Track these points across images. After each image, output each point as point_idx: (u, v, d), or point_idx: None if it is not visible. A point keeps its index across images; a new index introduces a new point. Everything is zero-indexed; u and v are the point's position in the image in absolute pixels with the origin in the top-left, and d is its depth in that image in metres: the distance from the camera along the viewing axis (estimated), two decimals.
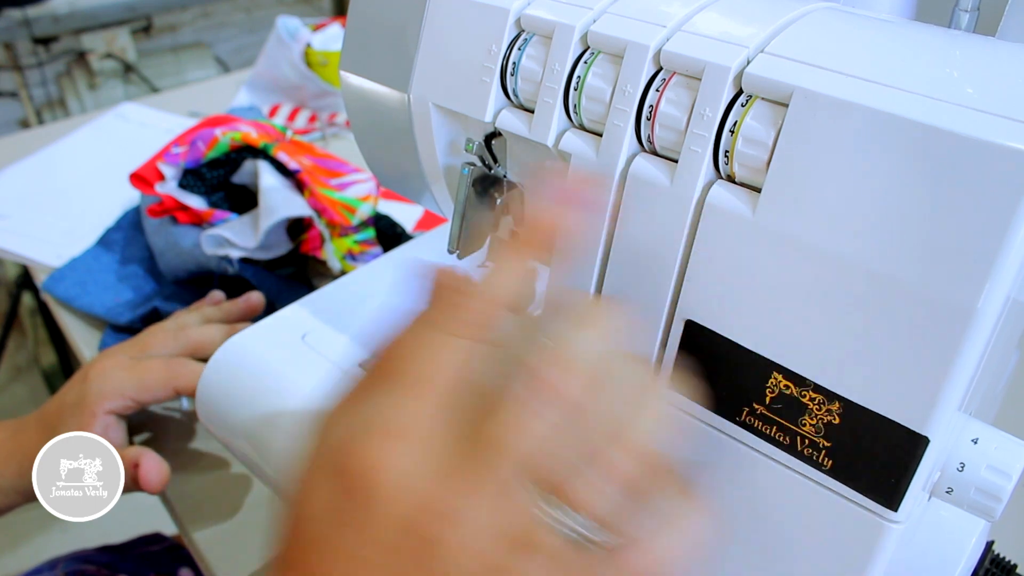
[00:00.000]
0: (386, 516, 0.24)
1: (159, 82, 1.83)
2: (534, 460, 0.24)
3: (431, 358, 0.25)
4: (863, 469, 0.25)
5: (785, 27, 0.26)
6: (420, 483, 0.24)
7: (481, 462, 0.24)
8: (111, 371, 0.53)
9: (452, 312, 0.25)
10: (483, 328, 0.25)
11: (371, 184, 0.75)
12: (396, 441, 0.24)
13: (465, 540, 0.24)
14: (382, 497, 0.24)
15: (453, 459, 0.24)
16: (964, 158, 0.21)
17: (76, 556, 0.64)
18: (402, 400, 0.25)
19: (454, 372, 0.25)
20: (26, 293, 1.45)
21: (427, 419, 0.24)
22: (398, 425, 0.24)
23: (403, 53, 0.34)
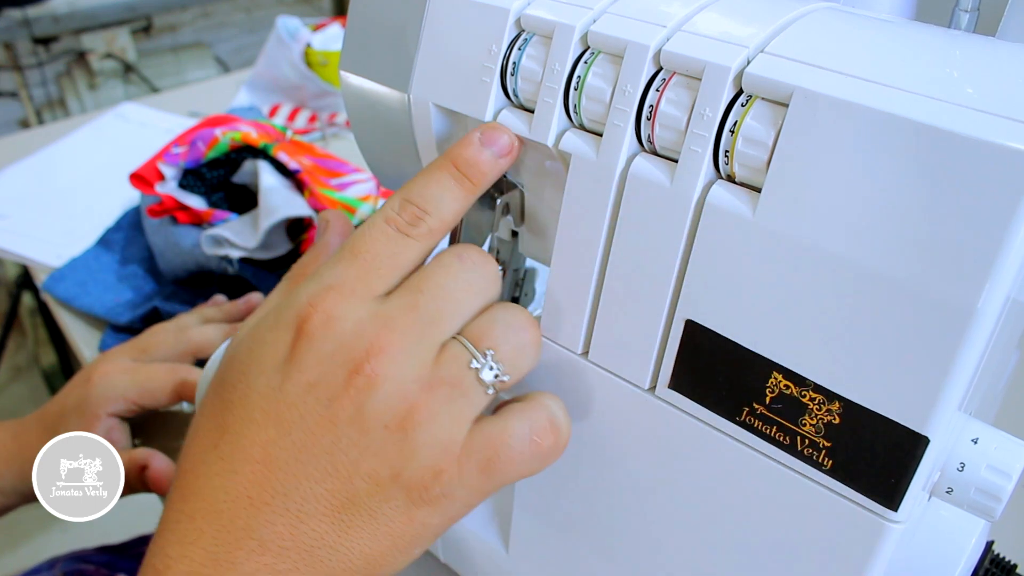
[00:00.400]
0: (322, 349, 0.28)
1: (159, 82, 1.83)
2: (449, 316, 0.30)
3: (369, 238, 0.30)
4: (863, 469, 0.25)
5: (785, 27, 0.26)
6: (361, 324, 0.29)
7: (407, 299, 0.29)
8: (114, 375, 0.54)
9: (384, 210, 0.31)
10: (410, 225, 0.30)
11: (371, 184, 0.75)
12: (338, 294, 0.29)
13: (392, 364, 0.28)
14: (327, 335, 0.28)
15: (380, 313, 0.29)
16: (964, 158, 0.21)
17: (74, 556, 0.64)
18: (344, 268, 0.30)
19: (385, 251, 0.30)
20: (26, 293, 1.45)
21: (359, 282, 0.29)
22: (336, 285, 0.29)
23: (403, 53, 0.34)
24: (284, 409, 0.28)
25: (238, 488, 0.28)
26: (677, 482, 0.31)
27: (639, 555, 0.34)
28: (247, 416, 0.29)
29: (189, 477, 0.29)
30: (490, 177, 0.31)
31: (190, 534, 0.28)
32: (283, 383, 0.28)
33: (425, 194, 0.31)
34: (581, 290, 0.31)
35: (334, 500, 0.28)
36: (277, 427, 0.28)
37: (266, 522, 0.28)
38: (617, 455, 0.33)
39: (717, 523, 0.30)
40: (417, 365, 0.29)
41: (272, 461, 0.28)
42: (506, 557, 0.40)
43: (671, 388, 0.29)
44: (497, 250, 0.40)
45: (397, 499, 0.29)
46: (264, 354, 0.29)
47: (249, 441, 0.28)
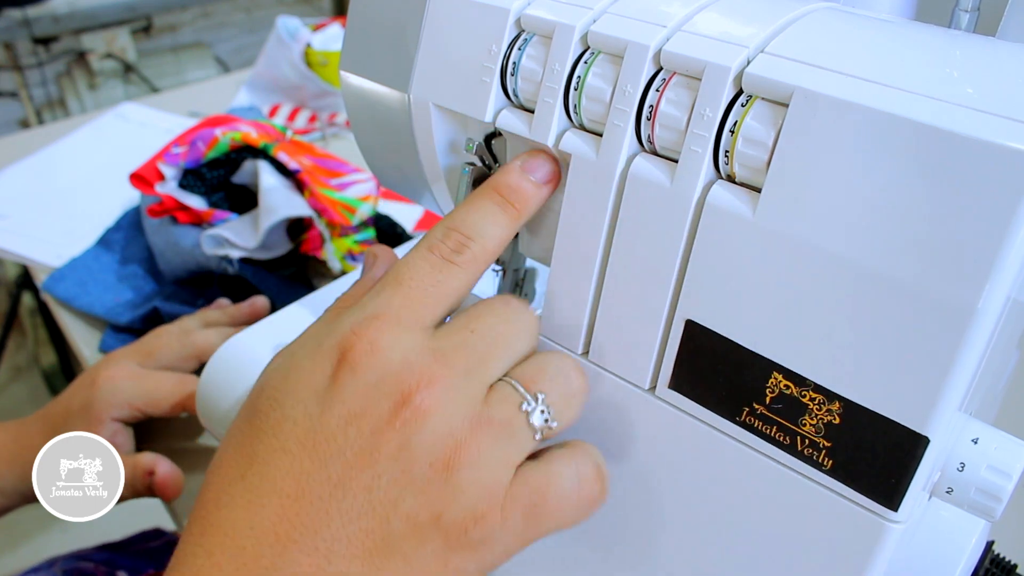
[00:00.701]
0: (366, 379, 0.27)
1: (159, 82, 1.83)
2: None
3: (413, 267, 0.29)
4: (863, 469, 0.25)
5: (785, 27, 0.26)
6: (410, 355, 0.27)
7: (456, 336, 0.28)
8: (120, 380, 0.53)
9: (428, 238, 0.30)
10: (455, 253, 0.29)
11: (371, 184, 0.75)
12: (383, 323, 0.28)
13: (443, 399, 0.27)
14: (372, 365, 0.27)
15: (431, 347, 0.28)
16: (964, 158, 0.21)
17: (74, 555, 0.64)
18: (388, 296, 0.29)
19: (430, 279, 0.29)
20: (26, 293, 1.45)
21: (406, 312, 0.28)
22: (383, 314, 0.28)
23: (403, 53, 0.34)
24: (321, 441, 0.27)
25: (264, 523, 0.26)
26: (677, 482, 0.31)
27: (639, 555, 0.34)
28: (280, 446, 0.27)
29: (210, 508, 0.27)
30: (533, 204, 0.31)
31: (206, 571, 0.26)
32: (322, 413, 0.27)
33: (468, 221, 0.30)
34: (581, 290, 0.31)
35: (368, 541, 0.26)
36: (312, 459, 0.26)
37: (292, 560, 0.26)
38: (617, 455, 0.33)
39: (717, 523, 0.30)
40: (467, 402, 0.27)
41: (304, 496, 0.26)
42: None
43: (671, 388, 0.29)
44: None
45: (435, 543, 0.27)
46: (301, 382, 0.28)
47: (280, 473, 0.27)
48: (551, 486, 0.28)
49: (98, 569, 0.62)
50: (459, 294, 0.30)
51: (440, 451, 0.27)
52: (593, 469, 0.29)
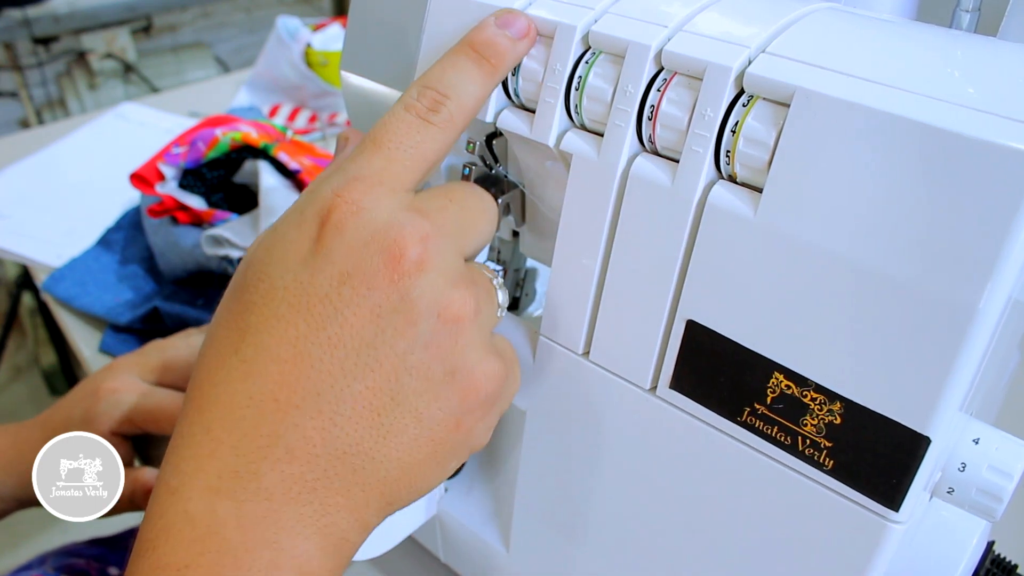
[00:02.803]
0: (353, 238, 0.26)
1: (159, 82, 1.83)
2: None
3: (390, 128, 0.28)
4: (864, 469, 0.25)
5: (786, 27, 0.26)
6: (396, 213, 0.27)
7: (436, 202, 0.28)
8: (123, 394, 0.53)
9: (403, 98, 0.29)
10: (431, 111, 0.29)
11: None
12: (366, 185, 0.27)
13: (436, 252, 0.27)
14: (359, 224, 0.27)
15: (415, 206, 0.27)
16: (965, 158, 0.21)
17: (65, 550, 0.64)
18: (368, 158, 0.28)
19: (408, 140, 0.28)
20: (26, 293, 1.45)
21: (386, 174, 0.27)
22: (363, 176, 0.27)
23: (403, 53, 0.34)
24: (316, 303, 0.26)
25: (263, 391, 0.25)
26: (678, 482, 0.31)
27: (639, 555, 0.34)
28: (272, 313, 0.26)
29: (205, 386, 0.26)
30: (509, 59, 0.30)
31: (206, 446, 0.25)
32: (313, 276, 0.26)
33: (444, 79, 0.29)
34: (582, 290, 0.31)
35: (375, 399, 0.26)
36: (308, 323, 0.26)
37: (294, 426, 0.25)
38: (618, 455, 0.32)
39: (718, 523, 0.30)
40: (456, 261, 0.27)
41: (303, 358, 0.25)
42: (506, 557, 0.40)
43: (672, 388, 0.29)
44: (498, 250, 0.40)
45: (449, 400, 0.27)
46: (287, 250, 0.27)
47: (275, 340, 0.26)
48: (507, 352, 0.30)
49: (89, 565, 0.62)
50: (438, 155, 0.29)
51: (443, 304, 0.26)
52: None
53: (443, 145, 0.29)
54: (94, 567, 0.62)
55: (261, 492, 0.25)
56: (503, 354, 0.29)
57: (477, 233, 0.29)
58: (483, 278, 0.29)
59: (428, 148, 0.28)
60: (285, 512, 0.25)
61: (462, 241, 0.28)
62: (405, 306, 0.26)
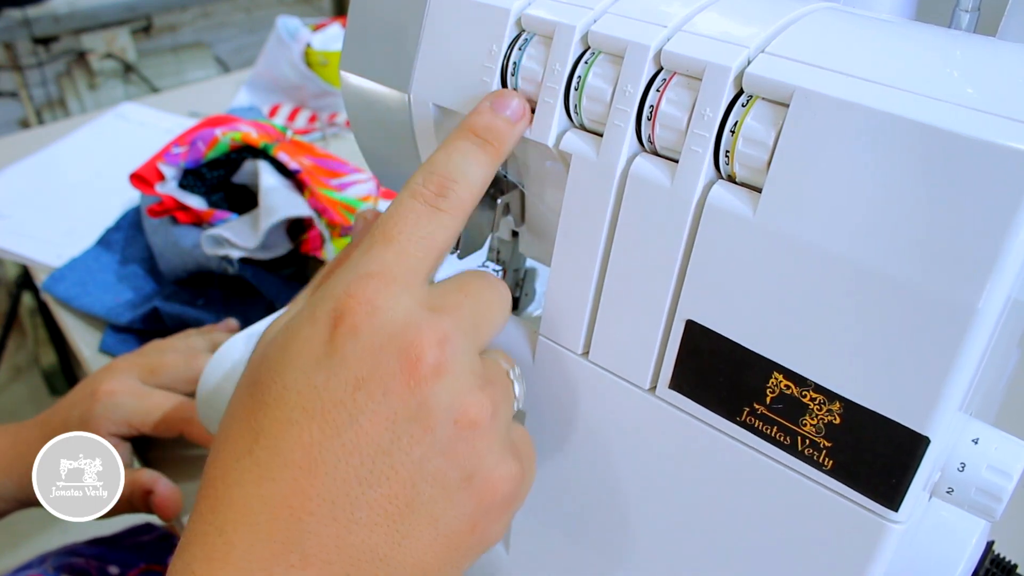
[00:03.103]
0: (370, 341, 0.26)
1: (159, 82, 1.83)
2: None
3: (399, 218, 0.28)
4: (864, 469, 0.25)
5: (786, 27, 0.26)
6: (412, 313, 0.26)
7: (451, 298, 0.28)
8: (120, 396, 0.53)
9: (409, 186, 0.29)
10: (439, 197, 0.29)
11: (371, 184, 0.75)
12: (380, 282, 0.27)
13: (453, 355, 0.26)
14: (374, 326, 0.26)
15: (430, 304, 0.27)
16: (964, 158, 0.21)
17: (65, 550, 0.64)
18: (381, 252, 0.27)
19: (419, 231, 0.28)
20: (26, 293, 1.45)
21: (400, 270, 0.27)
22: (377, 272, 0.27)
23: (403, 53, 0.34)
24: (330, 408, 0.25)
25: (277, 497, 0.25)
26: (677, 482, 0.31)
27: (639, 555, 0.34)
28: (285, 417, 0.26)
29: (219, 485, 0.26)
30: (510, 142, 0.30)
31: (219, 549, 0.25)
32: (327, 381, 0.26)
33: (449, 164, 0.29)
34: (581, 290, 0.31)
35: (390, 506, 0.25)
36: (323, 429, 0.25)
37: (309, 533, 0.25)
38: (617, 455, 0.32)
39: (717, 523, 0.30)
40: (473, 361, 0.27)
41: (318, 466, 0.25)
42: (506, 557, 0.40)
43: (671, 388, 0.29)
44: (497, 250, 0.40)
45: (466, 505, 0.26)
46: (300, 351, 0.26)
47: (289, 445, 0.25)
48: (525, 449, 0.29)
49: (89, 564, 0.62)
50: (448, 243, 0.29)
51: (461, 409, 0.26)
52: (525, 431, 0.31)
53: (453, 232, 0.29)
54: (94, 566, 0.62)
55: None
56: (520, 449, 0.29)
57: (492, 327, 0.29)
58: (500, 374, 0.29)
59: (439, 237, 0.28)
60: None
61: (478, 337, 0.28)
62: (422, 413, 0.25)
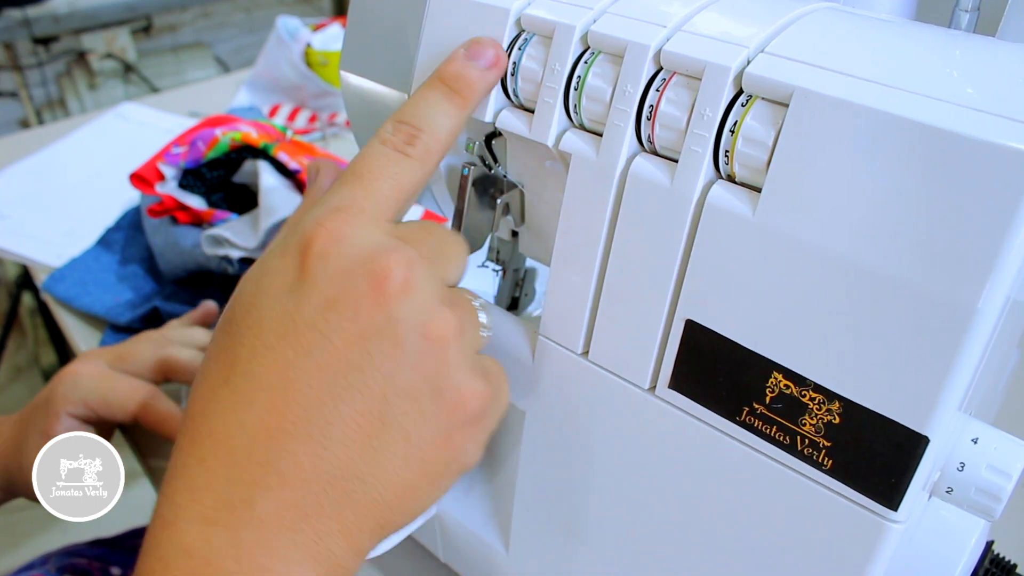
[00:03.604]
0: (336, 265, 0.27)
1: (159, 82, 1.83)
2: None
3: (368, 160, 0.29)
4: (863, 469, 0.25)
5: (785, 27, 0.26)
6: (378, 240, 0.27)
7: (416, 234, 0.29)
8: (82, 377, 0.53)
9: (378, 134, 0.30)
10: (407, 144, 0.29)
11: None
12: (348, 214, 0.27)
13: (420, 276, 0.27)
14: (342, 252, 0.27)
15: (396, 233, 0.28)
16: (964, 158, 0.21)
17: (67, 551, 0.64)
18: (350, 189, 0.28)
19: (387, 171, 0.29)
20: (26, 293, 1.45)
21: (367, 205, 0.28)
22: (344, 206, 0.28)
23: (403, 53, 0.34)
24: (303, 330, 0.26)
25: (254, 419, 0.26)
26: (677, 482, 0.31)
27: (639, 554, 0.34)
28: (260, 343, 0.26)
29: (198, 418, 0.27)
30: (480, 90, 0.31)
31: (200, 478, 0.26)
32: (299, 304, 0.26)
33: (417, 113, 0.30)
34: (581, 290, 0.31)
35: (364, 422, 0.26)
36: (296, 350, 0.26)
37: (286, 452, 0.25)
38: (617, 455, 0.33)
39: (717, 523, 0.30)
40: (438, 284, 0.28)
41: (291, 385, 0.26)
42: (506, 557, 0.40)
43: (671, 388, 0.29)
44: (497, 250, 0.40)
45: (437, 419, 0.27)
46: (272, 282, 0.27)
47: (264, 369, 0.26)
48: (495, 371, 0.30)
49: (91, 565, 0.62)
50: (415, 187, 0.30)
51: (428, 323, 0.27)
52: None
53: (421, 176, 0.30)
54: (96, 567, 0.62)
55: (255, 520, 0.25)
56: (490, 373, 0.30)
57: (455, 264, 0.30)
58: (465, 300, 0.30)
59: (406, 179, 0.29)
60: (280, 540, 0.25)
61: (442, 268, 0.29)
62: (391, 328, 0.26)
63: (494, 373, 0.30)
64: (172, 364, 0.56)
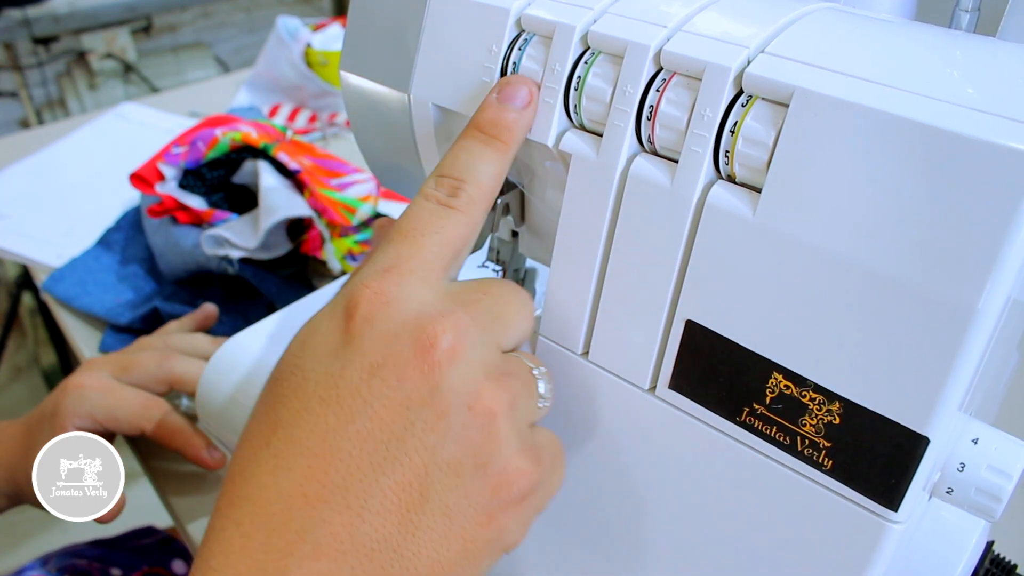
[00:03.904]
0: (383, 328, 0.26)
1: (159, 82, 1.83)
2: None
3: (413, 217, 0.29)
4: (863, 469, 0.25)
5: (785, 27, 0.26)
6: (428, 302, 0.27)
7: (471, 295, 0.28)
8: (88, 390, 0.53)
9: (422, 190, 0.29)
10: (451, 197, 0.29)
11: (371, 184, 0.75)
12: (396, 275, 0.27)
13: (469, 343, 0.26)
14: (389, 315, 0.26)
15: (447, 296, 0.27)
16: (964, 158, 0.21)
17: (68, 551, 0.64)
18: (396, 248, 0.28)
19: (432, 226, 0.28)
20: (26, 293, 1.45)
21: (422, 261, 0.28)
22: (394, 267, 0.27)
23: (403, 53, 0.34)
24: (346, 395, 0.25)
25: (292, 486, 0.25)
26: (677, 482, 0.31)
27: (639, 555, 0.34)
28: (303, 407, 0.26)
29: (237, 480, 0.26)
30: (519, 133, 0.30)
31: (236, 542, 0.25)
32: (343, 368, 0.26)
33: (457, 164, 0.29)
34: (581, 290, 0.31)
35: (404, 494, 0.25)
36: (338, 416, 0.25)
37: (322, 521, 0.25)
38: (617, 455, 0.33)
39: (717, 523, 0.30)
40: (490, 352, 0.27)
41: (332, 453, 0.25)
42: (506, 557, 0.40)
43: (671, 388, 0.29)
44: (497, 250, 0.40)
45: (480, 496, 0.26)
46: (318, 342, 0.27)
47: (306, 433, 0.25)
48: (549, 448, 0.29)
49: (91, 566, 0.62)
50: (464, 239, 0.29)
51: (475, 394, 0.26)
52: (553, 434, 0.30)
53: (469, 228, 0.29)
54: (96, 568, 0.62)
55: None
56: (543, 450, 0.28)
57: (513, 326, 0.29)
58: (522, 368, 0.28)
59: (454, 232, 0.28)
60: None
61: (498, 333, 0.28)
62: (435, 398, 0.25)
63: (548, 450, 0.29)
64: (178, 378, 0.55)
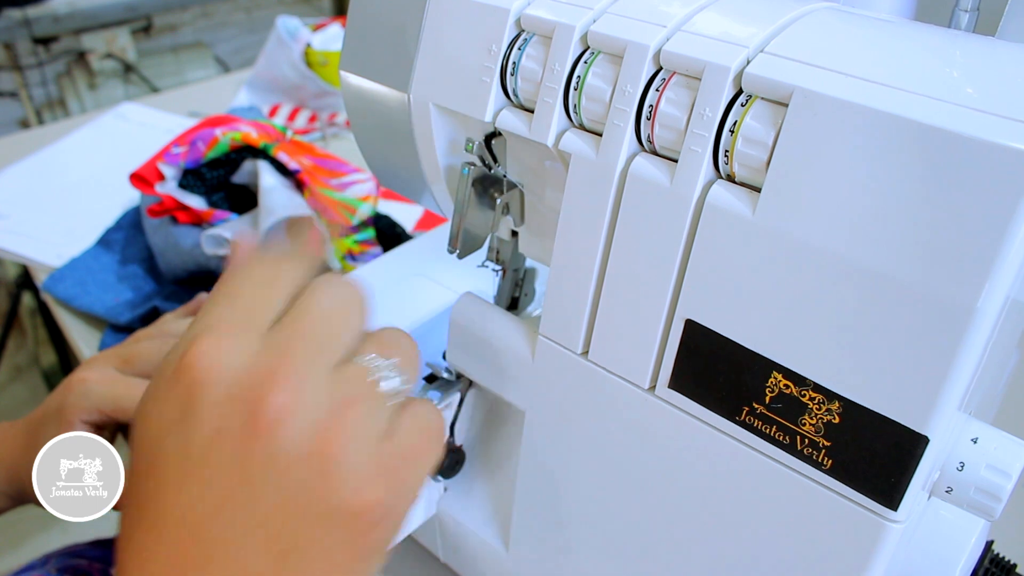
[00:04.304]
0: (214, 395, 0.26)
1: (159, 82, 1.83)
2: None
3: (235, 279, 0.29)
4: (863, 468, 0.26)
5: (785, 27, 0.26)
6: (244, 359, 0.27)
7: (293, 328, 0.28)
8: (92, 384, 0.53)
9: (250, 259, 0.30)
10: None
11: (371, 184, 0.75)
12: (213, 336, 0.27)
13: (297, 393, 0.26)
14: (216, 380, 0.27)
15: (269, 344, 0.27)
16: (964, 158, 0.21)
17: (68, 551, 0.64)
18: (213, 309, 0.28)
19: (255, 288, 0.29)
20: (26, 293, 1.45)
21: (237, 319, 0.28)
22: (215, 325, 0.28)
23: (403, 53, 0.34)
24: (194, 468, 0.26)
25: (164, 559, 0.26)
26: (677, 482, 0.31)
27: (639, 554, 0.34)
28: (164, 480, 0.27)
29: (122, 557, 0.27)
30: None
31: None
32: (188, 440, 0.27)
33: None
34: (581, 290, 0.31)
35: (275, 546, 0.26)
36: (194, 486, 0.26)
37: None
38: (617, 455, 0.33)
39: (717, 522, 0.30)
40: (319, 389, 0.27)
41: (196, 524, 0.26)
42: (506, 557, 0.40)
43: (671, 388, 0.29)
44: (497, 250, 0.40)
45: (340, 531, 0.27)
46: (163, 411, 0.28)
47: (168, 507, 0.26)
48: (409, 441, 0.29)
49: (92, 566, 0.62)
50: (290, 287, 0.29)
51: (311, 444, 0.26)
52: (425, 405, 0.30)
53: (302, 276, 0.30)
54: (97, 569, 0.62)
55: None
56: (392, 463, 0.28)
57: (345, 333, 0.29)
58: (359, 380, 0.28)
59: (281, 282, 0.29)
60: None
61: (328, 352, 0.28)
62: (276, 461, 0.26)
63: (403, 460, 0.29)
64: None
